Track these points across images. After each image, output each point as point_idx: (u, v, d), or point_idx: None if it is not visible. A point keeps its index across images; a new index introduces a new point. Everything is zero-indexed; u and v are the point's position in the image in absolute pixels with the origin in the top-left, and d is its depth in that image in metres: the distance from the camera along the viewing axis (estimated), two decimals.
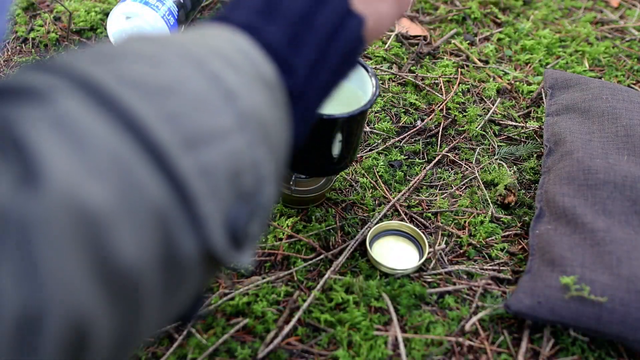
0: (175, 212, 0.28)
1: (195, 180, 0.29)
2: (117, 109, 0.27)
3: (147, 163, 0.27)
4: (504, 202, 0.74)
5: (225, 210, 0.31)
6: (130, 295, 0.27)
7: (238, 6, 0.39)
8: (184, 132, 0.29)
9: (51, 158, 0.24)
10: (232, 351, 0.58)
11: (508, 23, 1.06)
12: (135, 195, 0.26)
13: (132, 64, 0.30)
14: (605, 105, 0.78)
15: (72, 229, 0.24)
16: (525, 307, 0.59)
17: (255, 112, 0.33)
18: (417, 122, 0.85)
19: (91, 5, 1.00)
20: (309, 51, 0.38)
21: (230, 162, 0.31)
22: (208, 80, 0.31)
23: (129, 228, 0.26)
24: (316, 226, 0.70)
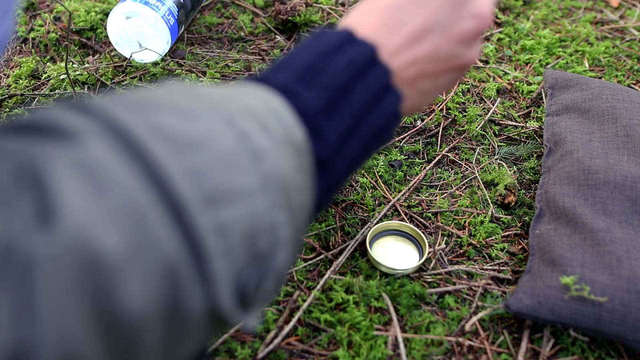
0: (186, 268, 0.28)
1: (211, 239, 0.29)
2: (143, 159, 0.28)
3: (164, 216, 0.27)
4: (504, 202, 0.74)
5: (236, 271, 0.30)
6: (129, 345, 0.26)
7: (281, 69, 0.40)
8: (206, 189, 0.29)
9: (69, 200, 0.24)
10: (232, 351, 0.58)
11: (508, 23, 1.06)
12: (148, 246, 0.26)
13: (165, 115, 0.30)
14: (605, 105, 0.78)
15: (78, 274, 0.24)
16: (525, 307, 0.59)
17: (280, 175, 0.33)
18: (417, 122, 0.85)
19: (91, 5, 1.00)
20: (342, 122, 0.38)
21: (248, 223, 0.30)
22: (237, 139, 0.32)
23: (137, 279, 0.26)
24: (316, 226, 0.70)
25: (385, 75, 0.40)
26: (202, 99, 0.33)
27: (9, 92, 0.86)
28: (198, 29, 1.00)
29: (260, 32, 1.01)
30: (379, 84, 0.40)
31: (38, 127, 0.27)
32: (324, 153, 0.37)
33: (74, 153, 0.26)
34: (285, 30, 1.01)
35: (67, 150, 0.26)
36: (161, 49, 0.90)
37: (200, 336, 0.31)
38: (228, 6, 1.06)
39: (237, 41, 0.99)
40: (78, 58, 0.92)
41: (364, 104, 0.39)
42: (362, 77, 0.39)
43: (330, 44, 0.39)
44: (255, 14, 1.04)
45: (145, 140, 0.28)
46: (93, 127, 0.28)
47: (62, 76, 0.88)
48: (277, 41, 0.98)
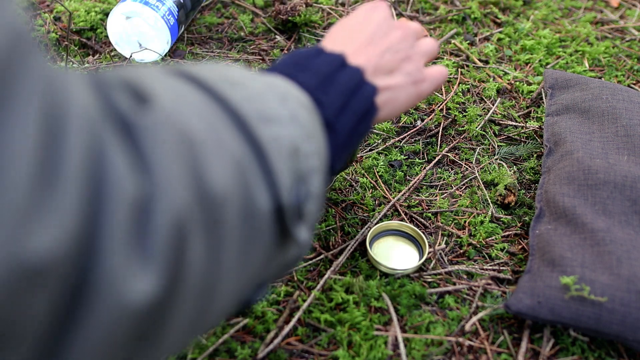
0: (252, 164, 0.33)
1: (270, 145, 0.34)
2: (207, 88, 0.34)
3: (230, 123, 0.33)
4: (504, 202, 0.74)
5: (290, 176, 0.36)
6: (217, 221, 0.30)
7: (272, 65, 0.48)
8: (259, 111, 0.35)
9: (160, 92, 0.30)
10: (232, 351, 0.58)
11: (508, 23, 1.06)
12: (221, 143, 0.31)
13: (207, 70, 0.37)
14: (605, 105, 0.78)
15: (177, 143, 0.28)
16: (525, 307, 0.59)
17: (301, 116, 0.39)
18: (417, 122, 0.85)
19: (91, 5, 1.00)
20: (334, 97, 0.46)
21: (290, 140, 0.36)
22: (265, 85, 0.39)
23: (219, 160, 0.30)
24: (316, 226, 0.70)
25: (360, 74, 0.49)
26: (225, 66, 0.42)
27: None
28: (198, 29, 1.00)
29: (260, 32, 1.01)
30: (356, 77, 0.48)
31: None
32: (326, 116, 0.44)
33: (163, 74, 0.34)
34: (285, 30, 1.01)
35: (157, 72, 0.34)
36: (161, 49, 0.90)
37: (266, 245, 0.35)
38: (228, 6, 1.06)
39: (237, 41, 0.99)
40: (78, 58, 0.92)
41: (348, 88, 0.47)
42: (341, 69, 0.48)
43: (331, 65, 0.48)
44: (255, 14, 1.04)
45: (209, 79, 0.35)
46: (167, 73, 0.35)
47: None
48: (277, 41, 0.98)
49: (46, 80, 0.24)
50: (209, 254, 0.30)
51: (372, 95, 0.48)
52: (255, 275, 0.37)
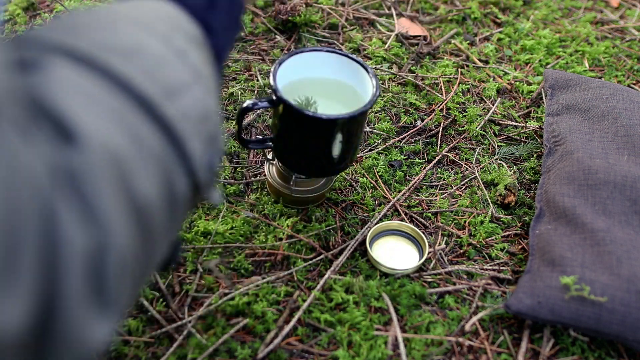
0: (170, 155, 0.33)
1: (180, 124, 0.33)
2: (102, 69, 0.31)
3: (142, 115, 0.31)
4: (504, 202, 0.74)
5: (203, 149, 0.36)
6: (148, 224, 0.31)
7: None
8: (161, 84, 0.33)
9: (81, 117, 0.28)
10: (232, 351, 0.58)
11: (508, 23, 1.06)
12: (142, 145, 0.31)
13: (96, 32, 0.34)
14: (605, 105, 0.78)
15: (111, 174, 0.28)
16: (525, 307, 0.59)
17: (200, 67, 0.38)
18: (417, 122, 0.85)
19: (91, 5, 1.00)
20: (222, 14, 0.43)
21: (198, 108, 0.35)
22: (162, 42, 0.36)
23: (144, 171, 0.30)
24: (316, 226, 0.70)
25: None
26: (116, 15, 0.37)
27: None
28: None
29: (260, 32, 1.01)
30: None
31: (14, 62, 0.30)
32: (216, 46, 0.43)
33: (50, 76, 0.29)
34: (285, 30, 1.01)
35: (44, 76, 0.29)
36: None
37: (185, 213, 0.37)
38: None
39: (237, 41, 0.99)
40: None
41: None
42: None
43: None
44: (255, 14, 1.04)
45: (95, 54, 0.32)
46: (46, 53, 0.31)
47: None
48: (277, 41, 0.98)
49: None
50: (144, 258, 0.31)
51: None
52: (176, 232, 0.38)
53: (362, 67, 0.63)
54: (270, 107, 0.61)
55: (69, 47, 0.31)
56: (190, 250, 0.66)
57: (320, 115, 0.57)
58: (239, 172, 0.76)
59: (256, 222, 0.70)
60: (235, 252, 0.67)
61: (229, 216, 0.70)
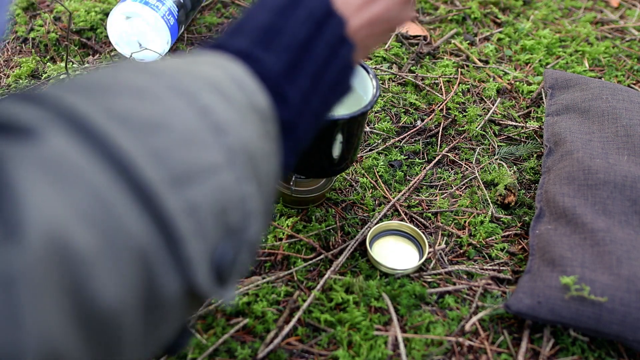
0: (159, 253, 0.28)
1: (182, 220, 0.28)
2: (104, 147, 0.27)
3: (132, 203, 0.27)
4: (504, 202, 0.74)
5: (211, 248, 0.30)
6: (110, 335, 0.26)
7: (238, 33, 0.39)
8: (171, 170, 0.28)
9: (36, 202, 0.24)
10: (232, 351, 0.58)
11: (508, 23, 1.06)
12: (119, 237, 0.26)
13: (121, 98, 0.30)
14: (605, 105, 0.78)
15: (54, 276, 0.24)
16: (525, 307, 0.59)
17: (245, 146, 0.32)
18: (417, 122, 0.85)
19: (91, 5, 1.00)
20: (305, 81, 0.38)
21: (217, 199, 0.30)
22: (198, 115, 0.31)
23: (111, 271, 0.26)
24: (316, 226, 0.70)
25: (341, 27, 0.40)
26: (157, 76, 0.32)
27: (9, 92, 0.86)
28: (198, 29, 1.00)
29: None
30: (336, 36, 0.40)
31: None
32: (288, 117, 0.37)
33: (35, 150, 0.25)
34: None
35: (28, 148, 0.25)
36: (161, 49, 0.90)
37: (179, 316, 0.31)
38: (228, 6, 1.06)
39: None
40: (78, 58, 0.92)
41: (323, 59, 0.39)
42: (321, 30, 0.39)
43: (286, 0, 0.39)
44: None
45: (104, 127, 0.27)
46: (50, 119, 0.27)
47: (62, 76, 0.88)
48: None
49: None
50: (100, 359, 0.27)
51: (349, 56, 0.41)
52: (168, 336, 0.33)
53: (362, 67, 0.63)
54: None
55: (79, 113, 0.28)
56: None
57: None
58: None
59: None
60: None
61: None
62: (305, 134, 0.40)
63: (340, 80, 0.42)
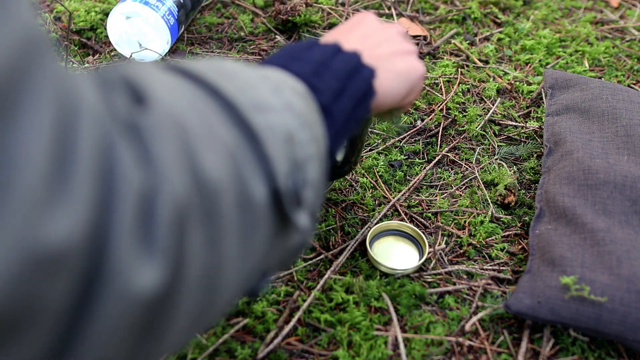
0: (247, 152, 0.33)
1: (264, 132, 0.35)
2: (199, 79, 0.35)
3: (222, 114, 0.33)
4: (504, 202, 0.74)
5: (286, 164, 0.36)
6: (214, 210, 0.30)
7: (266, 59, 0.48)
8: (252, 100, 0.36)
9: (156, 90, 0.31)
10: (232, 351, 0.58)
11: (508, 23, 1.06)
12: (213, 132, 0.32)
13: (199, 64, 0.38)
14: (605, 105, 0.78)
15: (174, 136, 0.30)
16: (525, 307, 0.59)
17: (295, 105, 0.39)
18: (417, 122, 0.85)
19: (91, 5, 1.00)
20: (330, 81, 0.46)
21: (285, 128, 0.36)
22: (258, 76, 0.39)
23: (211, 151, 0.31)
24: (316, 226, 0.70)
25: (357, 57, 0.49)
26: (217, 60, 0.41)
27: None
28: (198, 29, 1.00)
29: (260, 32, 1.01)
30: (353, 60, 0.49)
31: None
32: (323, 101, 0.44)
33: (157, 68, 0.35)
34: (285, 30, 1.01)
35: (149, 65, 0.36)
36: (161, 49, 0.90)
37: (267, 233, 0.35)
38: (228, 6, 1.06)
39: (237, 41, 0.99)
40: (78, 58, 0.92)
41: (344, 72, 0.47)
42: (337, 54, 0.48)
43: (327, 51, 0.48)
44: (255, 14, 1.04)
45: (201, 72, 0.36)
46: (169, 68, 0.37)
47: None
48: (277, 41, 0.98)
49: (59, 80, 0.25)
50: (209, 244, 0.30)
51: (369, 77, 0.49)
52: (258, 264, 0.37)
53: None
54: None
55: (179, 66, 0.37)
56: None
57: None
58: None
59: None
60: None
61: None
62: (341, 127, 0.47)
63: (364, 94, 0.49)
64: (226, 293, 0.34)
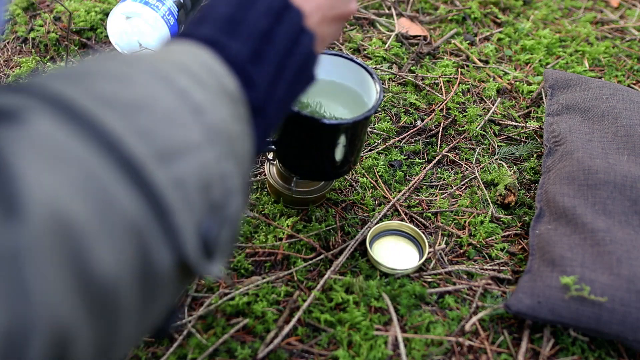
0: (150, 224, 0.29)
1: (170, 192, 0.30)
2: (91, 126, 0.28)
3: (122, 178, 0.28)
4: (504, 202, 0.74)
5: (197, 221, 0.32)
6: (109, 306, 0.27)
7: (202, 22, 0.41)
8: (157, 146, 0.30)
9: (33, 180, 0.25)
10: (232, 351, 0.58)
11: (508, 23, 1.06)
12: (111, 210, 0.27)
13: (103, 83, 0.31)
14: (605, 105, 0.78)
15: (57, 248, 0.25)
16: (525, 307, 0.59)
17: (221, 126, 0.34)
18: (417, 122, 0.85)
19: (91, 5, 1.00)
20: (269, 67, 0.40)
21: (200, 175, 0.32)
22: (176, 96, 0.33)
23: (107, 242, 0.27)
24: (316, 226, 0.70)
25: (299, 17, 0.43)
26: (135, 64, 0.34)
27: None
28: None
29: None
30: (295, 26, 0.42)
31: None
32: (256, 100, 0.39)
33: (24, 132, 0.26)
34: None
35: (16, 131, 0.26)
36: None
37: (171, 291, 0.32)
38: None
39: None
40: (78, 58, 0.92)
41: (285, 47, 0.41)
42: (280, 20, 0.42)
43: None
44: None
45: (90, 108, 0.29)
46: (34, 104, 0.28)
47: None
48: None
49: None
50: (102, 333, 0.28)
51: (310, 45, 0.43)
52: (160, 313, 0.34)
53: (366, 71, 0.63)
54: None
55: (63, 97, 0.29)
56: None
57: (323, 121, 0.57)
58: None
59: (256, 222, 0.70)
60: (235, 251, 0.67)
61: None
62: (273, 119, 0.42)
63: (304, 68, 0.43)
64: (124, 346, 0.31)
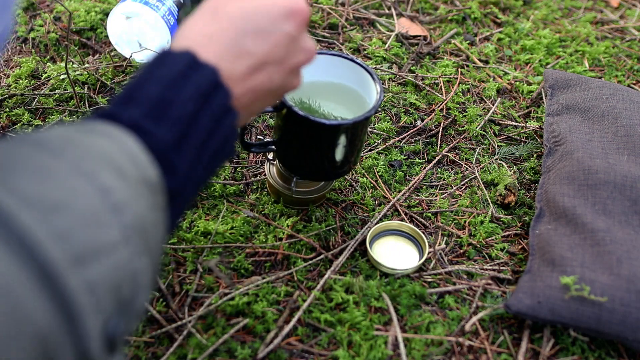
0: (58, 330, 0.29)
1: (81, 297, 0.30)
2: (9, 227, 0.28)
3: (35, 283, 0.28)
4: (504, 202, 0.74)
5: (105, 321, 0.32)
6: None
7: (130, 103, 0.40)
8: (73, 249, 0.30)
9: None
10: (232, 351, 0.58)
11: (508, 23, 1.06)
12: (20, 315, 0.27)
13: (24, 178, 0.31)
14: (605, 105, 0.78)
15: None
16: (525, 307, 0.59)
17: (139, 221, 0.34)
18: (417, 122, 0.85)
19: (91, 5, 1.00)
20: (191, 150, 0.40)
21: (113, 276, 0.32)
22: (97, 194, 0.33)
23: (13, 346, 0.26)
24: (316, 226, 0.70)
25: (227, 99, 0.43)
26: (59, 155, 0.33)
27: (9, 92, 0.86)
28: None
29: None
30: (221, 108, 0.42)
31: None
32: (176, 185, 0.40)
33: None
34: None
35: None
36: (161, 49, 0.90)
37: None
38: None
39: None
40: (78, 58, 0.92)
41: (207, 129, 0.41)
42: (207, 103, 0.42)
43: (175, 71, 0.41)
44: None
45: (11, 208, 0.28)
46: None
47: (62, 76, 0.88)
48: None
49: None
50: None
51: (232, 124, 0.43)
52: None
53: (367, 72, 0.63)
54: (274, 111, 0.61)
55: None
56: (190, 250, 0.66)
57: (323, 121, 0.57)
58: (239, 172, 0.76)
59: (256, 222, 0.70)
60: (235, 252, 0.67)
61: (229, 216, 0.70)
62: (188, 198, 0.42)
63: (223, 147, 0.44)
64: None
